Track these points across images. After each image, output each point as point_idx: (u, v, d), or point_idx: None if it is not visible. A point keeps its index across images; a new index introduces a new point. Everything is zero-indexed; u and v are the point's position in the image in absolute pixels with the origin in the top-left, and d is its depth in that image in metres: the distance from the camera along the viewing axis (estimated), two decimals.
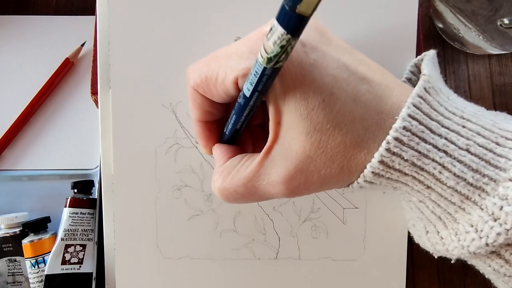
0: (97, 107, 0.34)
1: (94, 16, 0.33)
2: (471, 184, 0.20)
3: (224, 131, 0.26)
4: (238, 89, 0.22)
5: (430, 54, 0.25)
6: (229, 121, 0.25)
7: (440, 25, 0.44)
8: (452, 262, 0.24)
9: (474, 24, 0.39)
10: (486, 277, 0.24)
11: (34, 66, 0.43)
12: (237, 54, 0.21)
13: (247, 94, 0.21)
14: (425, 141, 0.20)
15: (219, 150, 0.26)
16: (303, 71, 0.20)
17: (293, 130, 0.21)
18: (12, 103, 0.42)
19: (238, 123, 0.24)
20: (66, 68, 0.43)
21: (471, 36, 0.41)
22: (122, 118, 0.32)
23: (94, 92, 0.34)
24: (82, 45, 0.44)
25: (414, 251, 0.41)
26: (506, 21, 0.37)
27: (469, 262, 0.24)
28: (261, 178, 0.22)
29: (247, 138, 0.27)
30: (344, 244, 0.34)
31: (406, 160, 0.20)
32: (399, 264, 0.34)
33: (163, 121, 0.32)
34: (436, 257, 0.26)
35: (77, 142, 0.41)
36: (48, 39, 0.44)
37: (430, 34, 0.46)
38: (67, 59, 0.43)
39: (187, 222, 0.33)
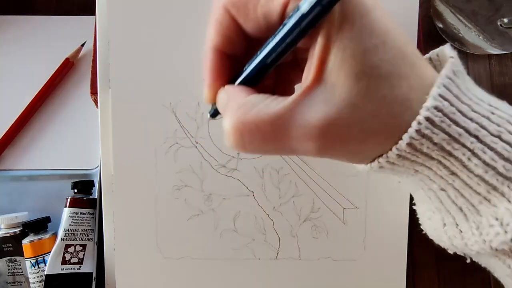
0: (97, 107, 0.34)
1: (94, 16, 0.33)
2: (501, 174, 0.19)
3: (245, 68, 0.21)
4: (282, 18, 0.19)
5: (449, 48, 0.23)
6: (258, 53, 0.20)
7: (440, 25, 0.44)
8: (453, 261, 0.23)
9: (474, 24, 0.39)
10: (501, 281, 0.23)
11: (34, 66, 0.43)
12: None
13: (305, 10, 0.18)
14: (457, 124, 0.19)
15: (233, 89, 0.21)
16: (365, 7, 0.18)
17: (340, 71, 0.18)
18: (12, 103, 0.42)
19: (273, 54, 0.20)
20: (66, 68, 0.43)
21: (471, 36, 0.41)
22: (122, 118, 0.32)
23: (94, 92, 0.34)
24: (82, 45, 0.44)
25: (414, 251, 0.41)
26: (506, 21, 0.37)
27: (483, 264, 0.23)
28: (294, 119, 0.19)
29: (269, 81, 0.24)
30: (344, 244, 0.34)
31: (436, 144, 0.19)
32: (399, 264, 0.34)
33: (163, 121, 0.32)
34: (451, 253, 0.24)
35: (77, 142, 0.41)
36: (48, 39, 0.44)
37: (430, 34, 0.46)
38: (67, 59, 0.43)
39: (187, 222, 0.33)
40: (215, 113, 0.23)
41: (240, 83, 0.21)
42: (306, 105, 0.19)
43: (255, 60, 0.20)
